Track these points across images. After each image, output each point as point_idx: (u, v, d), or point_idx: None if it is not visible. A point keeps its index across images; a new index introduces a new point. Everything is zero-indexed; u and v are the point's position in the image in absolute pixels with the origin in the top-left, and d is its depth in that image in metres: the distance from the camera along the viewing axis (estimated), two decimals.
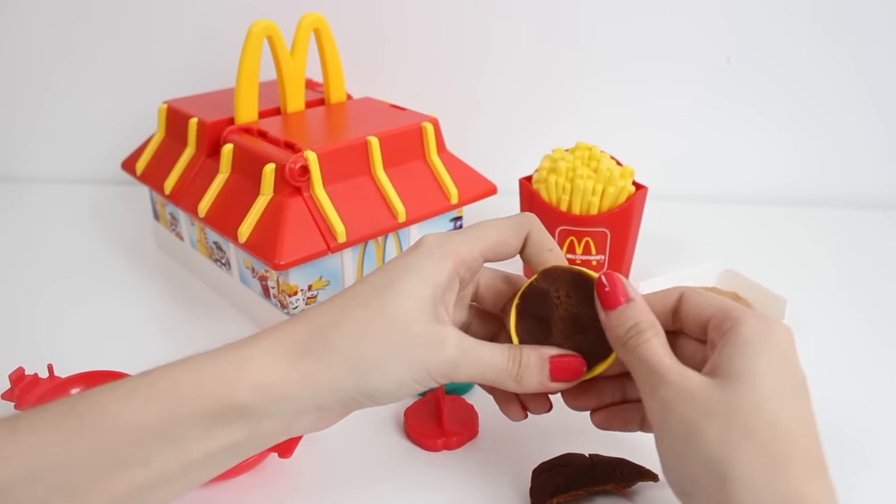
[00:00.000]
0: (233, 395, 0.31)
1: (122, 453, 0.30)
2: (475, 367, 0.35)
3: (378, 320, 0.34)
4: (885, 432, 0.47)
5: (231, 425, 0.32)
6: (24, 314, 0.60)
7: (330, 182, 0.54)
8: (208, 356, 0.33)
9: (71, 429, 0.30)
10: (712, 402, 0.31)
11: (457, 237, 0.37)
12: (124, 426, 0.30)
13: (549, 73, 0.79)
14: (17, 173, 0.88)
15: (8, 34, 0.81)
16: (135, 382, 0.32)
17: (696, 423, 0.31)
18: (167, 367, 0.33)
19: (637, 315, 0.34)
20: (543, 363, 0.36)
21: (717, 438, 0.30)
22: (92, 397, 0.31)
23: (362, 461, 0.44)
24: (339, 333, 0.33)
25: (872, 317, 0.59)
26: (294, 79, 0.62)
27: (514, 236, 0.38)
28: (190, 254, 0.65)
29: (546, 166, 0.61)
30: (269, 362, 0.32)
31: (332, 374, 0.33)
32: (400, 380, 0.34)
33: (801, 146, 0.81)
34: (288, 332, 0.34)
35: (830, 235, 0.74)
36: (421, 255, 0.36)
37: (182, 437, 0.31)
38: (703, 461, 0.30)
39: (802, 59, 0.76)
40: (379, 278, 0.36)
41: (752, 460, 0.29)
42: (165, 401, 0.31)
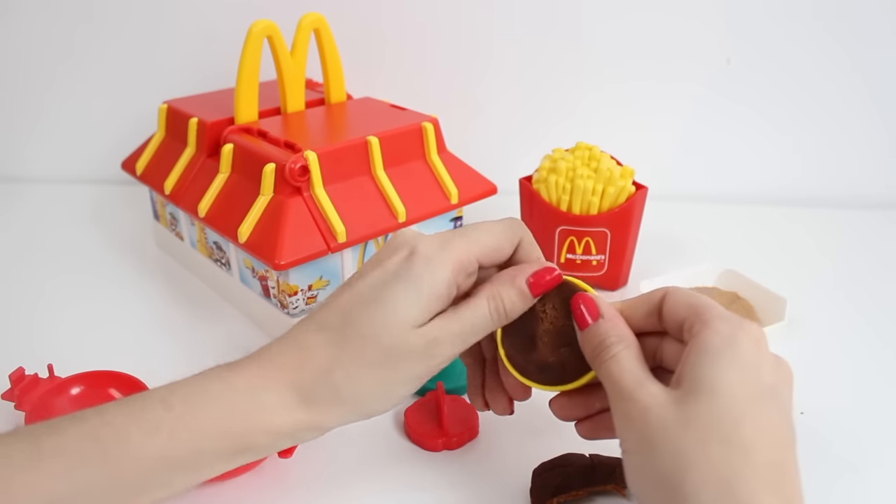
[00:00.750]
0: (251, 436, 0.34)
1: (145, 481, 0.32)
2: (468, 337, 0.36)
3: (373, 351, 0.35)
4: (885, 432, 0.47)
5: (246, 456, 0.35)
6: (24, 314, 0.60)
7: (330, 182, 0.54)
8: (222, 387, 0.34)
9: (94, 458, 0.31)
10: (668, 418, 0.30)
11: (454, 241, 0.36)
12: (149, 458, 0.32)
13: (549, 73, 0.79)
14: (17, 173, 0.88)
15: (8, 34, 0.81)
16: (158, 414, 0.33)
17: (651, 438, 0.31)
18: (184, 395, 0.34)
19: (605, 332, 0.35)
20: (522, 290, 0.36)
21: (670, 454, 0.30)
22: (114, 423, 0.32)
23: (362, 461, 0.44)
24: (340, 374, 0.35)
25: (872, 317, 0.59)
26: (294, 79, 0.62)
27: (508, 242, 0.38)
28: (190, 254, 0.65)
29: (546, 166, 0.61)
30: (280, 411, 0.34)
31: (339, 415, 0.35)
32: (399, 396, 0.36)
33: (800, 146, 0.81)
34: (293, 371, 0.35)
35: (830, 235, 0.74)
36: (417, 264, 0.35)
37: (203, 467, 0.34)
38: (658, 476, 0.30)
39: (802, 60, 0.76)
40: (372, 291, 0.35)
41: (703, 477, 0.29)
42: (189, 438, 0.33)
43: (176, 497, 0.34)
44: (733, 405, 0.30)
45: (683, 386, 0.31)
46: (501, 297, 0.36)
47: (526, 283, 0.36)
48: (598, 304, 0.36)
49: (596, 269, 0.60)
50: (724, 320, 0.32)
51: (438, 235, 0.37)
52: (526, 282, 0.36)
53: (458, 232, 0.38)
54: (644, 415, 0.31)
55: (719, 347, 0.31)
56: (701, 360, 0.31)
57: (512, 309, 0.36)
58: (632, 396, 0.32)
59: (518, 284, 0.36)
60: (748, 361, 0.31)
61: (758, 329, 0.32)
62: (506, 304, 0.36)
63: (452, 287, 0.36)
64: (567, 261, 0.60)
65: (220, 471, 0.35)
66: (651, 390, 0.32)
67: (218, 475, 0.35)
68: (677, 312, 0.34)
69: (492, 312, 0.36)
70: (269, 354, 0.36)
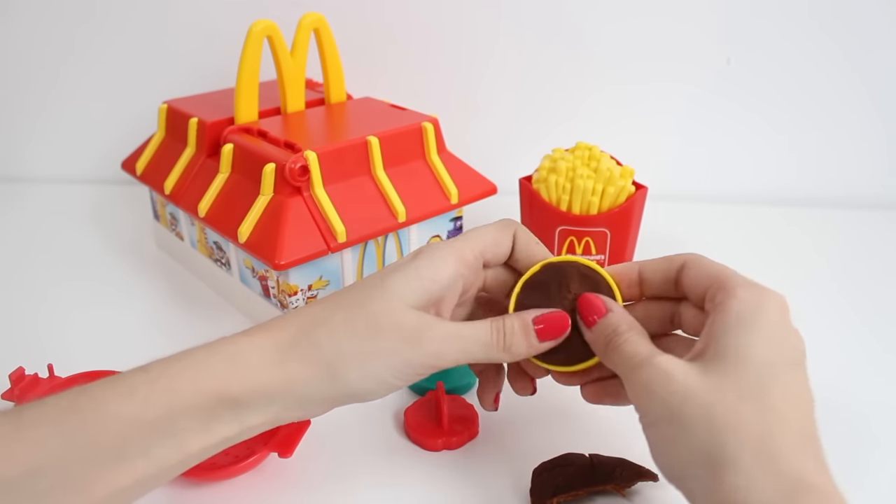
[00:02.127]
0: (225, 389, 0.33)
1: (124, 447, 0.31)
2: (460, 350, 0.35)
3: (361, 316, 0.35)
4: (884, 432, 0.47)
5: (224, 419, 0.33)
6: (24, 314, 0.60)
7: (330, 182, 0.54)
8: (204, 351, 0.34)
9: (73, 424, 0.31)
10: (694, 385, 0.31)
11: (455, 241, 0.38)
12: (126, 421, 0.31)
13: (549, 74, 0.79)
14: (17, 173, 0.88)
15: (9, 35, 0.81)
16: (134, 379, 0.33)
17: (679, 408, 0.30)
18: (164, 362, 0.34)
19: (614, 322, 0.35)
20: (528, 327, 0.36)
21: (702, 423, 0.30)
22: (92, 393, 0.32)
23: (362, 461, 0.44)
24: (323, 331, 0.34)
25: (872, 317, 0.59)
26: (294, 79, 0.62)
27: (505, 236, 0.39)
28: (190, 254, 0.65)
29: (546, 166, 0.61)
30: (258, 360, 0.34)
31: (314, 376, 0.34)
32: (380, 378, 0.35)
33: (800, 147, 0.81)
34: (279, 329, 0.35)
35: (829, 236, 0.74)
36: (423, 258, 0.37)
37: (180, 431, 0.32)
38: (691, 446, 0.30)
39: (800, 61, 0.76)
40: (375, 277, 0.37)
41: (741, 443, 0.29)
42: (164, 397, 0.32)
43: (161, 475, 0.33)
44: (762, 372, 0.30)
45: (708, 354, 0.31)
46: (505, 325, 0.36)
47: (532, 320, 0.37)
48: (604, 301, 0.36)
49: None
50: (749, 288, 0.32)
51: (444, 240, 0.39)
52: (532, 319, 0.37)
53: (460, 235, 0.40)
54: (667, 383, 0.31)
55: (746, 316, 0.31)
56: (727, 329, 0.31)
57: (511, 338, 0.36)
58: (651, 363, 0.32)
59: (524, 319, 0.37)
60: (775, 330, 0.31)
61: (782, 298, 0.33)
62: (506, 332, 0.36)
63: (457, 278, 0.37)
64: None
65: (203, 442, 0.33)
66: (670, 359, 0.32)
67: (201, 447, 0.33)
68: (699, 281, 0.35)
69: (492, 334, 0.36)
70: (264, 323, 0.36)
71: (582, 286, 0.38)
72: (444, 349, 0.35)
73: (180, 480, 0.42)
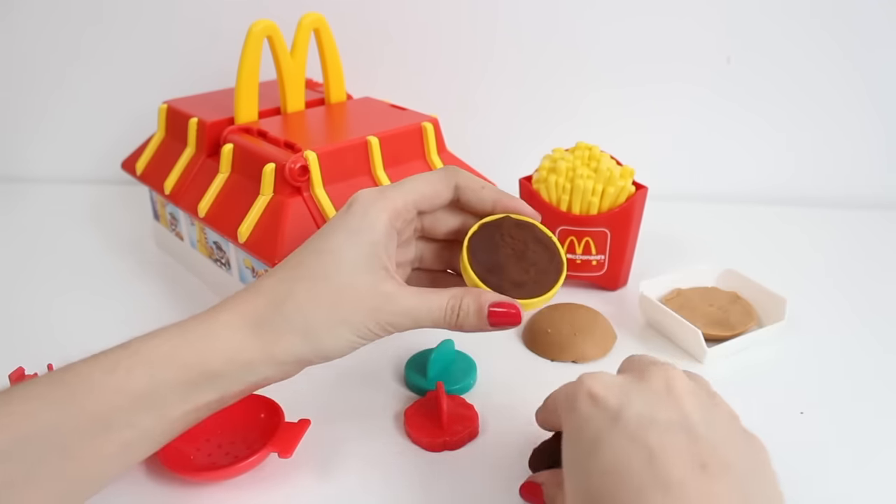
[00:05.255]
0: (206, 364, 0.36)
1: (110, 417, 0.34)
2: (413, 320, 0.38)
3: (324, 290, 0.37)
4: (885, 432, 0.47)
5: (204, 389, 0.36)
6: (23, 314, 0.60)
7: (330, 182, 0.54)
8: (179, 329, 0.37)
9: (61, 397, 0.33)
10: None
11: (389, 191, 0.40)
12: (111, 392, 0.34)
13: (550, 74, 0.79)
14: (17, 173, 0.88)
15: (10, 36, 0.81)
16: (116, 354, 0.35)
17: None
18: (143, 339, 0.36)
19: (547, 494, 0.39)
20: (482, 311, 0.39)
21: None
22: (77, 369, 0.34)
23: (362, 461, 0.44)
24: (291, 306, 0.37)
25: (872, 317, 0.59)
26: (294, 79, 0.62)
27: (445, 187, 0.42)
28: (190, 254, 0.65)
29: (546, 166, 0.61)
30: (233, 336, 0.36)
31: (289, 342, 0.37)
32: (349, 339, 0.38)
33: (800, 146, 0.81)
34: (247, 307, 0.38)
35: (830, 235, 0.74)
36: (356, 215, 0.39)
37: (162, 401, 0.35)
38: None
39: (800, 60, 0.77)
40: (319, 243, 0.39)
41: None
42: (147, 370, 0.35)
43: (146, 442, 0.35)
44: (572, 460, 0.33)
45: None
46: (462, 302, 0.39)
47: (488, 304, 0.39)
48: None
49: (596, 269, 0.60)
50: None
51: (375, 188, 0.41)
52: (488, 304, 0.39)
53: (395, 183, 0.42)
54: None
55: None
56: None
57: (464, 318, 0.39)
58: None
59: (481, 301, 0.39)
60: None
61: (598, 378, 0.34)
62: (461, 311, 0.39)
63: (391, 231, 0.39)
64: (567, 261, 0.60)
65: (184, 409, 0.35)
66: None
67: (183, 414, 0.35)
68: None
69: (447, 309, 0.39)
70: (225, 300, 0.39)
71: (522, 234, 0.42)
72: (399, 320, 0.38)
73: (180, 480, 0.42)
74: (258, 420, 0.45)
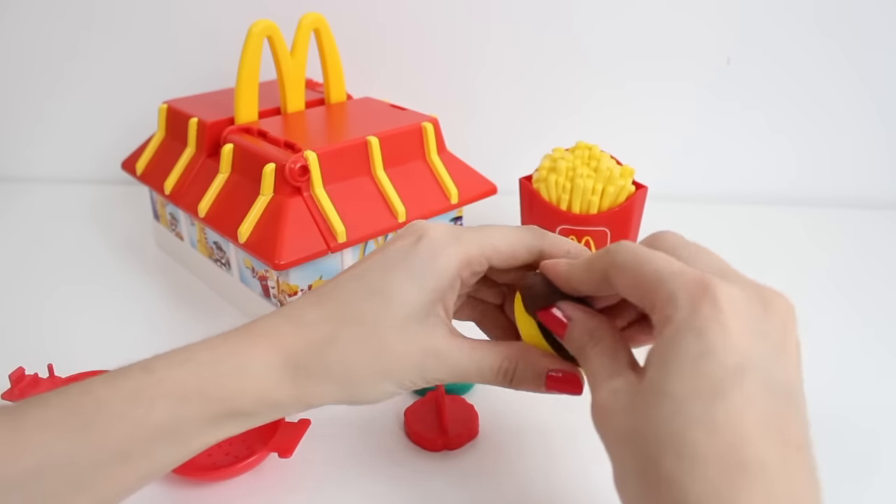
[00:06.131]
0: (235, 403, 0.33)
1: (128, 449, 0.31)
2: (462, 376, 0.35)
3: (371, 338, 0.34)
4: (886, 433, 0.46)
5: (230, 426, 0.34)
6: (24, 314, 0.60)
7: (330, 182, 0.54)
8: (209, 358, 0.33)
9: (77, 427, 0.31)
10: (625, 427, 0.29)
11: (466, 236, 0.36)
12: (130, 425, 0.31)
13: (549, 73, 0.79)
14: (17, 173, 0.88)
15: (9, 35, 0.81)
16: (138, 381, 0.32)
17: (617, 449, 0.29)
18: (167, 364, 0.33)
19: (572, 336, 0.34)
20: (539, 378, 0.35)
21: (633, 468, 0.28)
22: (96, 394, 0.32)
23: (362, 461, 0.44)
24: (333, 354, 0.34)
25: (873, 317, 0.59)
26: (294, 79, 0.62)
27: (525, 250, 0.36)
28: (190, 254, 0.65)
29: (546, 166, 0.61)
30: (267, 376, 0.34)
31: (326, 392, 0.35)
32: (388, 391, 0.35)
33: (801, 146, 0.81)
34: (285, 343, 0.34)
35: (831, 236, 0.74)
36: (422, 257, 0.35)
37: (185, 435, 0.33)
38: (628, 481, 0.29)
39: (800, 60, 0.76)
40: (374, 281, 0.35)
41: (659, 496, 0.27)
42: (170, 404, 0.32)
43: (162, 471, 0.33)
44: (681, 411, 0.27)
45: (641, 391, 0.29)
46: (517, 367, 0.35)
47: (546, 372, 0.35)
48: (558, 313, 0.34)
49: None
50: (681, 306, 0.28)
51: (451, 226, 0.36)
52: (546, 371, 0.35)
53: (472, 228, 0.37)
54: (608, 417, 0.30)
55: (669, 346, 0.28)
56: (654, 361, 0.29)
57: (519, 382, 0.35)
58: (600, 391, 0.31)
59: (538, 369, 0.35)
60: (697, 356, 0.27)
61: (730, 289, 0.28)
62: (517, 375, 0.35)
63: (456, 281, 0.35)
64: None
65: (206, 442, 0.33)
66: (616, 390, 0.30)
67: (205, 447, 0.34)
68: (630, 295, 0.31)
69: (499, 372, 0.35)
70: (261, 325, 0.35)
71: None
72: (445, 376, 0.35)
73: (180, 480, 0.42)
74: None
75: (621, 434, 0.29)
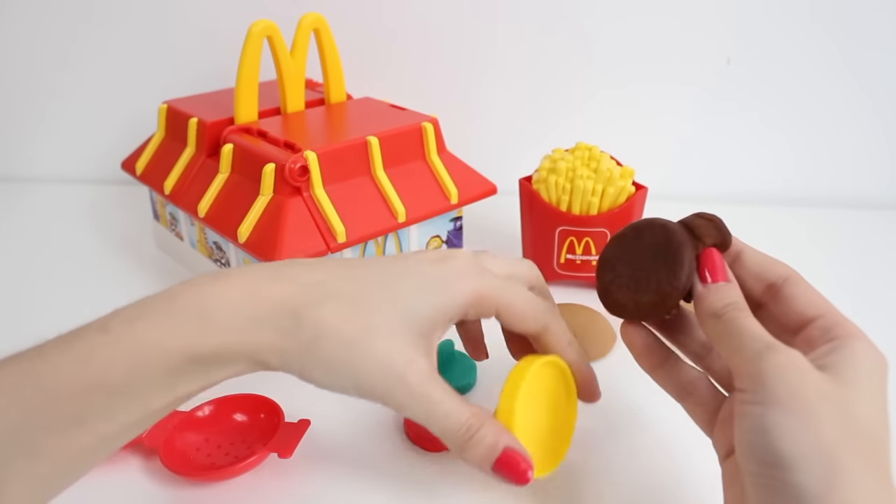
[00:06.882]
0: (194, 349, 0.32)
1: (84, 412, 0.31)
2: (425, 414, 0.33)
3: (356, 322, 0.33)
4: None
5: (189, 376, 0.32)
6: (23, 314, 0.60)
7: (330, 182, 0.54)
8: (167, 304, 0.33)
9: (30, 392, 0.30)
10: (825, 388, 0.30)
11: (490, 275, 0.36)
12: (85, 387, 0.30)
13: (550, 74, 0.79)
14: (17, 173, 0.88)
15: (9, 35, 0.81)
16: (92, 339, 0.32)
17: (811, 402, 0.30)
18: (124, 318, 0.32)
19: (736, 295, 0.35)
20: (493, 451, 0.33)
21: (831, 425, 0.29)
22: (47, 357, 0.31)
23: (362, 461, 0.44)
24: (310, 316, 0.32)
25: (873, 317, 0.59)
26: (294, 79, 0.62)
27: (534, 322, 0.37)
28: (190, 254, 0.65)
29: (546, 166, 0.61)
30: (230, 320, 0.32)
31: (285, 350, 0.32)
32: (341, 387, 0.33)
33: (800, 147, 0.81)
34: (257, 288, 0.33)
35: (830, 236, 0.74)
36: (448, 275, 0.35)
37: (144, 392, 0.31)
38: (814, 442, 0.29)
39: (800, 61, 0.77)
40: (385, 269, 0.35)
41: (861, 459, 0.29)
42: (127, 361, 0.31)
43: (126, 433, 0.32)
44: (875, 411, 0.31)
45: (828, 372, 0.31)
46: (483, 428, 0.33)
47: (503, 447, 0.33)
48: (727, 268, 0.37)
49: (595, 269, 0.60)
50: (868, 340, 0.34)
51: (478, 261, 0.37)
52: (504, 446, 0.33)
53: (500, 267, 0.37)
54: (802, 375, 0.30)
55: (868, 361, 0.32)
56: (853, 361, 0.32)
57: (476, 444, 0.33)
58: (787, 350, 0.31)
59: (498, 440, 0.33)
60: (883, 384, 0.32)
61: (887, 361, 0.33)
62: (478, 434, 0.33)
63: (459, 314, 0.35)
64: (567, 261, 0.60)
65: (167, 400, 0.32)
66: (801, 355, 0.32)
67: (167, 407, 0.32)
68: (810, 308, 0.35)
69: (464, 426, 0.33)
70: (240, 270, 0.34)
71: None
72: (409, 411, 0.33)
73: (180, 480, 0.42)
74: (258, 420, 0.45)
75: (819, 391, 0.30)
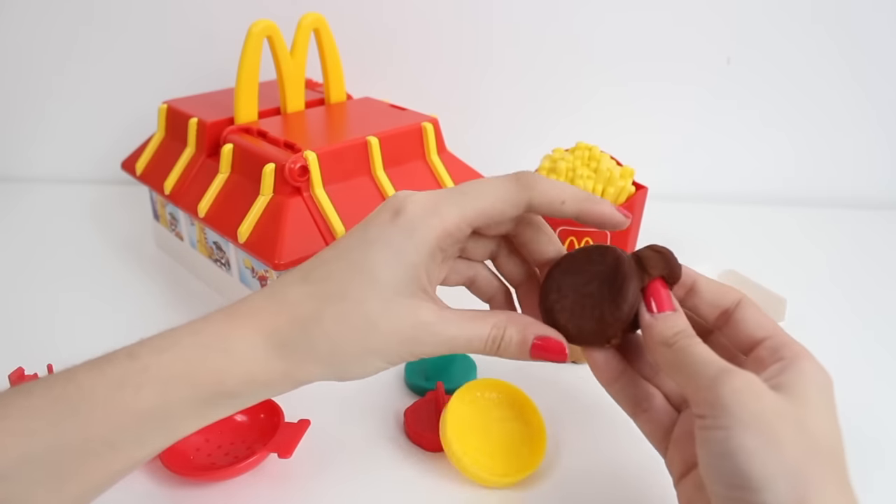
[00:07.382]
0: (222, 385, 0.33)
1: (116, 437, 0.31)
2: (451, 348, 0.35)
3: (355, 315, 0.33)
4: (885, 433, 0.47)
5: (218, 407, 0.34)
6: (23, 314, 0.60)
7: (330, 182, 0.54)
8: (193, 341, 0.33)
9: (63, 415, 0.31)
10: (782, 407, 0.30)
11: (444, 204, 0.35)
12: (118, 412, 0.31)
13: (549, 74, 0.79)
14: (17, 173, 0.88)
15: (9, 35, 0.81)
16: (123, 367, 0.32)
17: (772, 422, 0.30)
18: (151, 349, 0.33)
19: (683, 323, 0.34)
20: (525, 344, 0.35)
21: (794, 444, 0.30)
22: (80, 381, 0.32)
23: (362, 461, 0.44)
24: (318, 332, 0.33)
25: (873, 317, 0.59)
26: (294, 79, 0.62)
27: (511, 206, 0.35)
28: (190, 254, 0.65)
29: (546, 166, 0.61)
30: (253, 356, 0.33)
31: (312, 371, 0.34)
32: (376, 366, 0.35)
33: (801, 147, 0.81)
34: (269, 322, 0.34)
35: (830, 236, 0.74)
36: (400, 231, 0.34)
37: (173, 419, 0.33)
38: (780, 462, 0.29)
39: (800, 61, 0.77)
40: (355, 255, 0.35)
41: (825, 473, 0.29)
42: (157, 389, 0.32)
43: (151, 456, 0.33)
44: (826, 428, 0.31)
45: (782, 391, 0.31)
46: (504, 333, 0.35)
47: (532, 337, 0.35)
48: (672, 297, 0.35)
49: None
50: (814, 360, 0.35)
51: (429, 195, 0.35)
52: (533, 336, 0.35)
53: (453, 192, 0.36)
54: (759, 397, 0.31)
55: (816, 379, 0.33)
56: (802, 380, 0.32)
57: (505, 350, 0.35)
58: (741, 373, 0.31)
59: (525, 334, 0.35)
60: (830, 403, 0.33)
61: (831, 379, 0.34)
62: (504, 341, 0.35)
63: (437, 253, 0.35)
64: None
65: (194, 425, 0.33)
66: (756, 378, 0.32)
67: (194, 430, 0.33)
68: (758, 330, 0.35)
69: (488, 340, 0.35)
70: (245, 304, 0.35)
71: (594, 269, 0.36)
72: (434, 349, 0.35)
73: (180, 480, 0.42)
74: (258, 420, 0.45)
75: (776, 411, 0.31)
